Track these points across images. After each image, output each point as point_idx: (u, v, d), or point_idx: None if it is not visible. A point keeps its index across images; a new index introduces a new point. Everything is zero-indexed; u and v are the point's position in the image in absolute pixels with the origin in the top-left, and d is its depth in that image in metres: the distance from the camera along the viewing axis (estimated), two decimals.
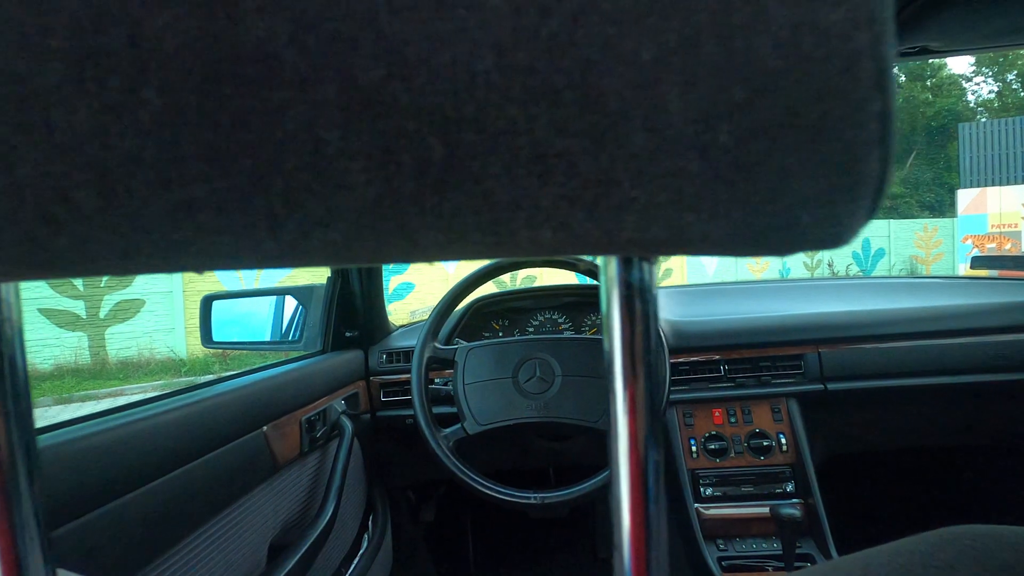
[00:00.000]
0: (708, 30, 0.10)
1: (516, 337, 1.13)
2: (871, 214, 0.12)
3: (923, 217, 15.21)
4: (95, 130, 0.11)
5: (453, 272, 8.91)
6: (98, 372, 6.45)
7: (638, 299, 0.16)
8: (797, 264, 13.14)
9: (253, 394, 0.83)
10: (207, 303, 1.13)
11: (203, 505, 0.70)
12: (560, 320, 1.41)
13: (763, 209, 0.12)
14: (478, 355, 1.05)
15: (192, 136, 0.11)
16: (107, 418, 0.60)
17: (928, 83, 18.69)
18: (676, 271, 11.83)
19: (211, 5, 0.10)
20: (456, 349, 1.06)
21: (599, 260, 0.17)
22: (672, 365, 1.23)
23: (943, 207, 16.45)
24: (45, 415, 4.97)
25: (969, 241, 11.35)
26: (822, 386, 1.20)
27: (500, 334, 1.40)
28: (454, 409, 1.03)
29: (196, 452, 0.68)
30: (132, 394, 5.52)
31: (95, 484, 0.52)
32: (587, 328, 1.40)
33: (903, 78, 18.82)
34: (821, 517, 1.09)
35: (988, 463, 1.53)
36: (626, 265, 0.17)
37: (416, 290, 8.63)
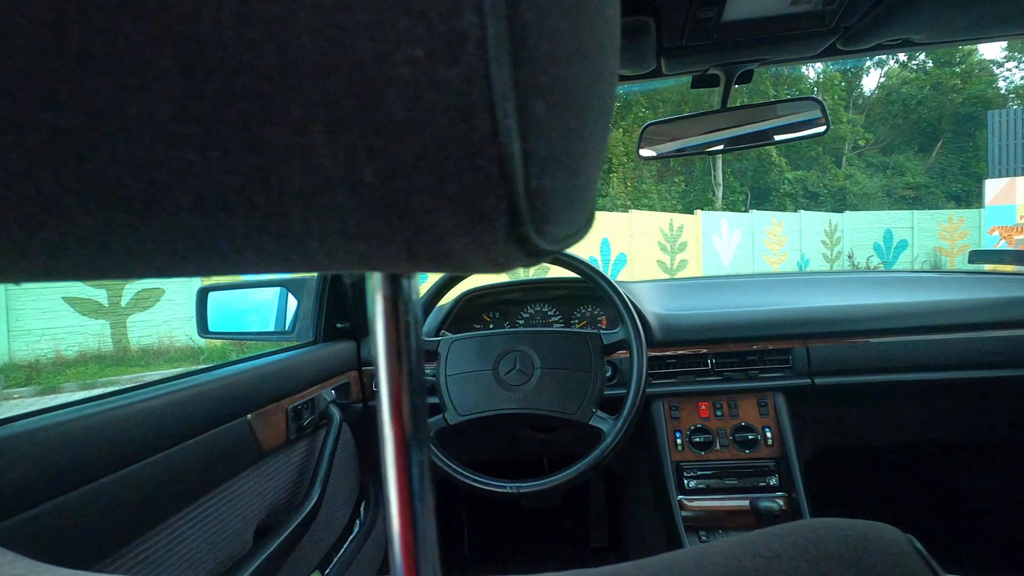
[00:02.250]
0: (346, 88, 0.11)
1: (497, 330, 1.14)
2: (522, 242, 0.13)
3: (949, 208, 14.82)
4: None
5: None
6: (120, 359, 6.65)
7: (400, 309, 0.18)
8: (816, 256, 12.94)
9: (236, 384, 0.86)
10: (202, 294, 1.17)
11: (184, 489, 0.73)
12: (550, 313, 1.42)
13: (419, 239, 0.13)
14: (460, 347, 1.07)
15: None
16: (85, 405, 0.63)
17: (958, 69, 18.10)
18: (692, 262, 11.74)
19: None
20: (440, 341, 1.08)
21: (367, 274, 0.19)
22: (659, 358, 1.23)
23: (970, 197, 16.00)
24: (70, 400, 5.14)
25: (996, 233, 11.04)
26: (809, 380, 1.19)
27: (491, 326, 1.42)
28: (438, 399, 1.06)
29: (176, 438, 0.71)
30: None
31: (70, 467, 0.55)
32: (576, 321, 1.41)
33: (931, 64, 18.27)
34: (803, 511, 1.09)
35: (977, 460, 1.51)
36: (391, 279, 0.18)
37: (429, 279, 8.74)
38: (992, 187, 11.12)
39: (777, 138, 1.01)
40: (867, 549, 0.22)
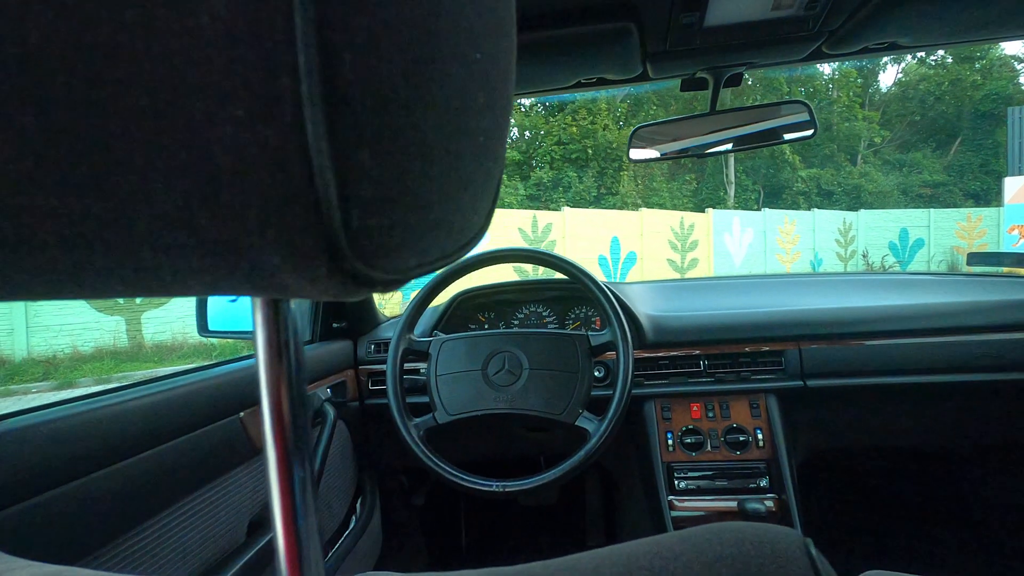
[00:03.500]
0: (180, 142, 0.13)
1: (487, 331, 1.16)
2: (349, 276, 0.15)
3: (967, 206, 14.55)
4: None
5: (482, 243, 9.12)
6: (135, 355, 6.77)
7: (281, 330, 0.20)
8: (830, 255, 12.79)
9: (230, 382, 0.88)
10: None
11: (176, 484, 0.75)
12: (545, 313, 1.43)
13: (254, 273, 0.15)
14: (451, 347, 1.08)
15: None
16: (77, 403, 0.65)
17: (977, 65, 17.75)
18: (703, 261, 11.66)
19: None
20: (431, 341, 1.10)
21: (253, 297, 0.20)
22: (651, 359, 1.24)
23: (989, 196, 15.70)
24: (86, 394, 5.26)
25: (1016, 232, 10.83)
26: (802, 382, 1.19)
27: (486, 326, 1.43)
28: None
29: (168, 435, 0.73)
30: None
31: (59, 463, 0.58)
32: (571, 322, 1.42)
33: (950, 60, 17.93)
34: (792, 513, 1.09)
35: (971, 464, 1.50)
36: (273, 302, 0.20)
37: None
38: (1011, 185, 10.89)
39: (764, 142, 1.01)
40: (759, 551, 0.23)
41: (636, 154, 1.08)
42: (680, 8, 0.76)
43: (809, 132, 0.97)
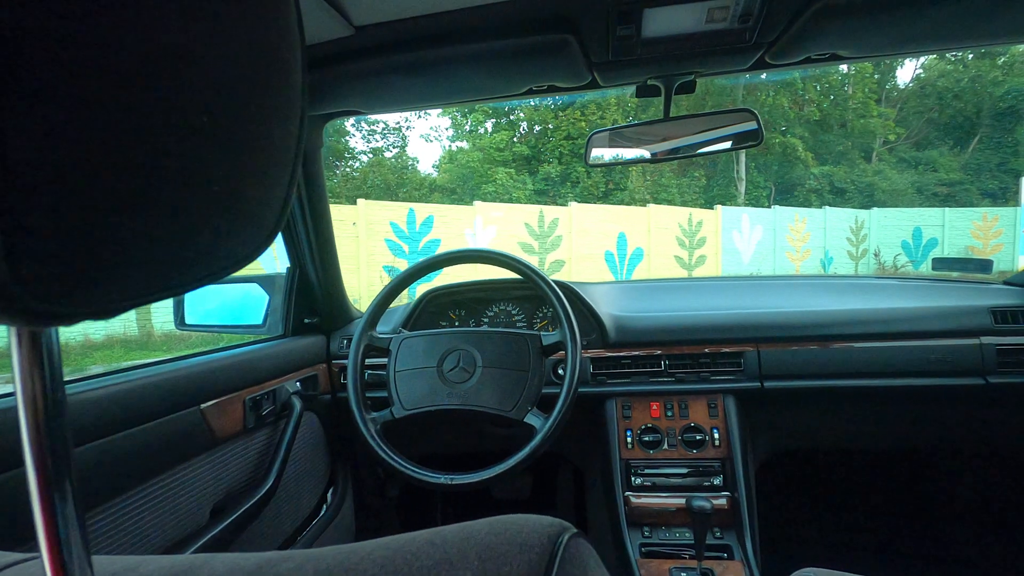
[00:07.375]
0: None
1: (446, 329, 1.19)
2: (32, 315, 0.17)
3: (983, 205, 14.27)
4: None
5: (480, 227, 9.37)
6: (144, 343, 6.90)
7: (38, 359, 0.22)
8: (841, 254, 12.63)
9: (189, 375, 0.92)
10: None
11: (131, 472, 0.79)
12: (514, 312, 1.46)
13: None
14: (410, 344, 1.12)
15: None
16: None
17: (999, 61, 17.33)
18: (711, 258, 11.58)
19: None
20: (392, 338, 1.14)
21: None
22: (614, 359, 1.27)
23: (1007, 195, 15.38)
24: None
25: None
26: (759, 384, 1.22)
27: (456, 324, 1.47)
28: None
29: (122, 425, 0.77)
30: None
31: (9, 448, 0.62)
32: (539, 320, 1.45)
33: (971, 56, 17.53)
34: (742, 510, 1.12)
35: (925, 465, 1.51)
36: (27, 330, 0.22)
37: (442, 245, 9.09)
38: None
39: (716, 148, 1.03)
40: (511, 539, 0.26)
41: (593, 157, 1.11)
42: (616, 21, 0.78)
43: (756, 140, 0.99)
